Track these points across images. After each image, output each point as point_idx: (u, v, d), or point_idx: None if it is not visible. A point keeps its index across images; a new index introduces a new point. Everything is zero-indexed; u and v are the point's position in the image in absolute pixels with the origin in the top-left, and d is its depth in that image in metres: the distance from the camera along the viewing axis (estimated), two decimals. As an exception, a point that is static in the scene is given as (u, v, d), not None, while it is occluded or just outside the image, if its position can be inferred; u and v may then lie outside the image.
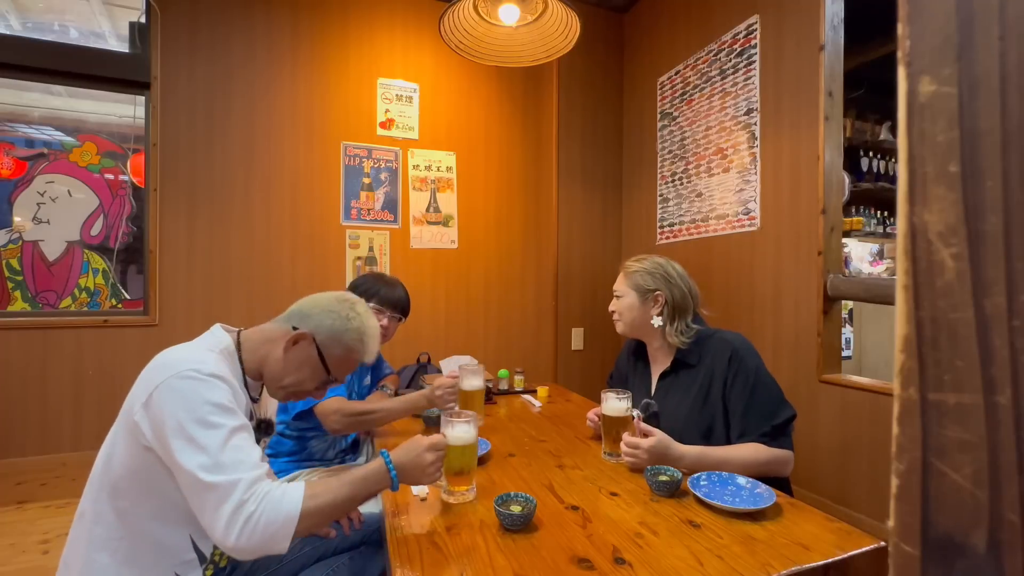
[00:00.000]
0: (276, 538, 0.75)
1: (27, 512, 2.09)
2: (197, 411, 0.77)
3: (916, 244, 0.24)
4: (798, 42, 1.99)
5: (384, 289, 1.59)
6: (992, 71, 0.22)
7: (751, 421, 1.14)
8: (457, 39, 1.69)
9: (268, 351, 0.94)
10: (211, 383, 0.80)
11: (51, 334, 2.26)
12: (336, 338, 0.96)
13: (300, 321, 0.96)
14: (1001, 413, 0.22)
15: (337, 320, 0.96)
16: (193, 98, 2.43)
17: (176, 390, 0.78)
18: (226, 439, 0.77)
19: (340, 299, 1.00)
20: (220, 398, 0.80)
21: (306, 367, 0.95)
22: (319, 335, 0.95)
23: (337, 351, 0.96)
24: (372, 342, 1.00)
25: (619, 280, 1.41)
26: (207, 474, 0.74)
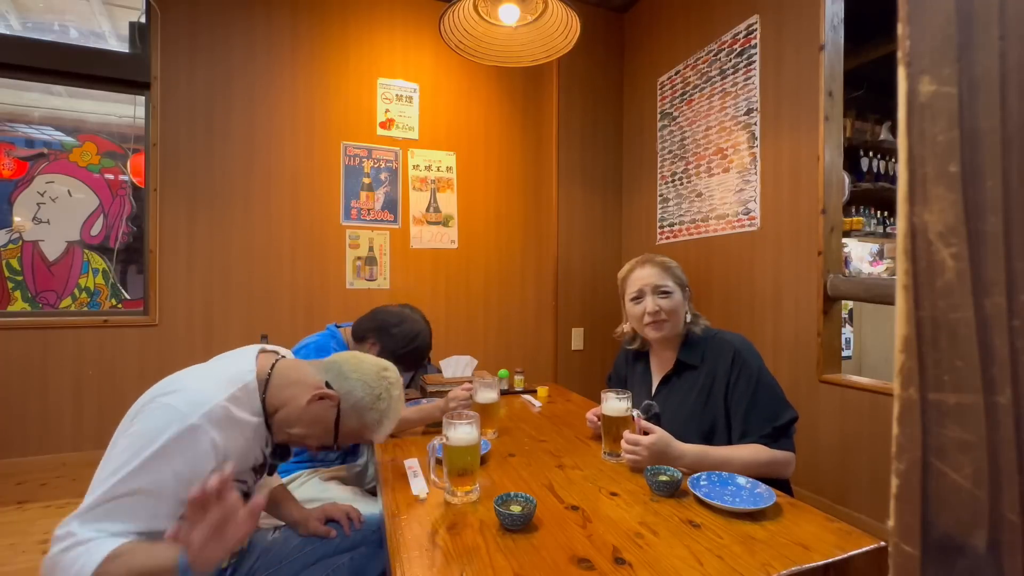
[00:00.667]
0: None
1: (27, 512, 2.09)
2: (140, 446, 0.75)
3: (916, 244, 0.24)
4: (798, 42, 1.99)
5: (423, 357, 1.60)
6: (992, 71, 0.22)
7: (752, 422, 1.14)
8: (457, 39, 1.69)
9: (295, 394, 0.92)
10: (179, 439, 0.76)
11: (51, 334, 2.26)
12: (359, 412, 0.95)
13: (336, 379, 0.95)
14: (1001, 413, 0.22)
15: (368, 396, 0.95)
16: (193, 98, 2.43)
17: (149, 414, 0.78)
18: (121, 498, 0.74)
19: (380, 375, 0.98)
20: (171, 461, 0.75)
21: (319, 426, 0.94)
22: (345, 402, 0.94)
23: (353, 423, 0.95)
24: (388, 426, 0.99)
25: (657, 276, 1.27)
26: (89, 500, 0.74)
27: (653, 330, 1.27)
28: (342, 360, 0.99)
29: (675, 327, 1.27)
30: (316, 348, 1.50)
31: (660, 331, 1.26)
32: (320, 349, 1.49)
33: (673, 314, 1.25)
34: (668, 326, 1.26)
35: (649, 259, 1.32)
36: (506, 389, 1.94)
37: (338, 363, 0.98)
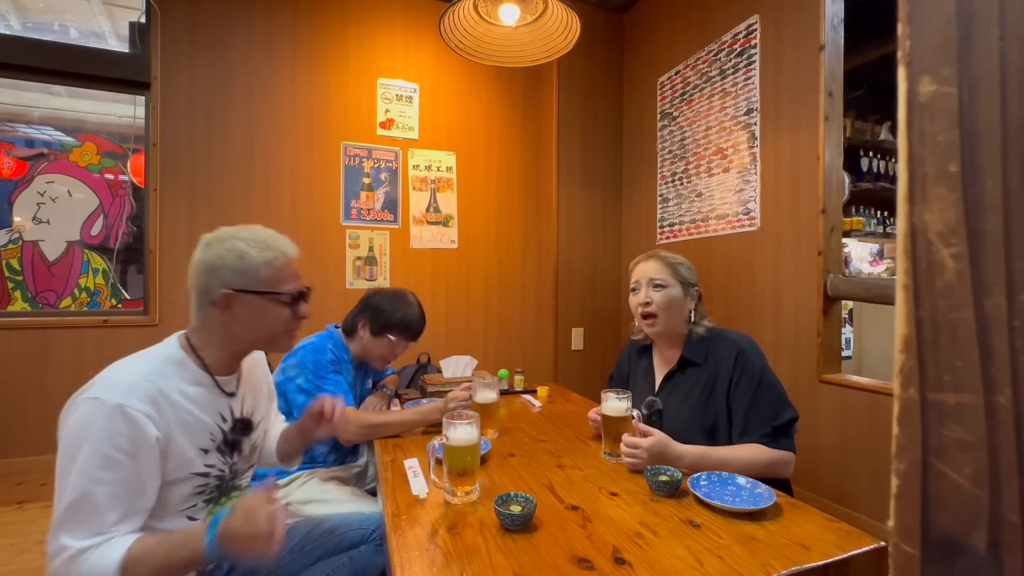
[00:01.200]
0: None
1: (27, 512, 2.09)
2: (79, 440, 0.75)
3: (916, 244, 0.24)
4: (798, 42, 1.99)
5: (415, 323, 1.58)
6: (992, 71, 0.22)
7: (753, 421, 1.14)
8: (457, 39, 1.69)
9: (225, 335, 0.91)
10: (102, 417, 0.75)
11: (51, 334, 2.26)
12: (242, 269, 0.89)
13: (207, 293, 0.89)
14: (1001, 413, 0.22)
15: (226, 259, 0.88)
16: (193, 98, 2.43)
17: (72, 416, 0.77)
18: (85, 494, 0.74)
19: (207, 246, 0.91)
20: (103, 438, 0.75)
21: (262, 311, 0.91)
22: (233, 284, 0.88)
23: (260, 274, 0.90)
24: (269, 238, 0.93)
25: (654, 268, 1.27)
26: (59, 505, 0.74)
27: (644, 323, 1.29)
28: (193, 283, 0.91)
29: (667, 323, 1.26)
30: (313, 349, 1.49)
31: (650, 326, 1.27)
32: (317, 351, 1.48)
33: (664, 309, 1.25)
34: (658, 322, 1.25)
35: (655, 254, 1.32)
36: (506, 389, 1.94)
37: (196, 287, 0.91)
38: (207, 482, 0.91)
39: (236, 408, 0.98)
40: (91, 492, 0.74)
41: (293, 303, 0.95)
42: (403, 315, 1.56)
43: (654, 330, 1.28)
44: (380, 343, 1.56)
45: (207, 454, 0.91)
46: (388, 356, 1.59)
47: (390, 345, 1.56)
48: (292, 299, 0.94)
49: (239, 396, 0.99)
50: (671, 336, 1.31)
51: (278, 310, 0.93)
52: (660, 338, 1.33)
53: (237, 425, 0.97)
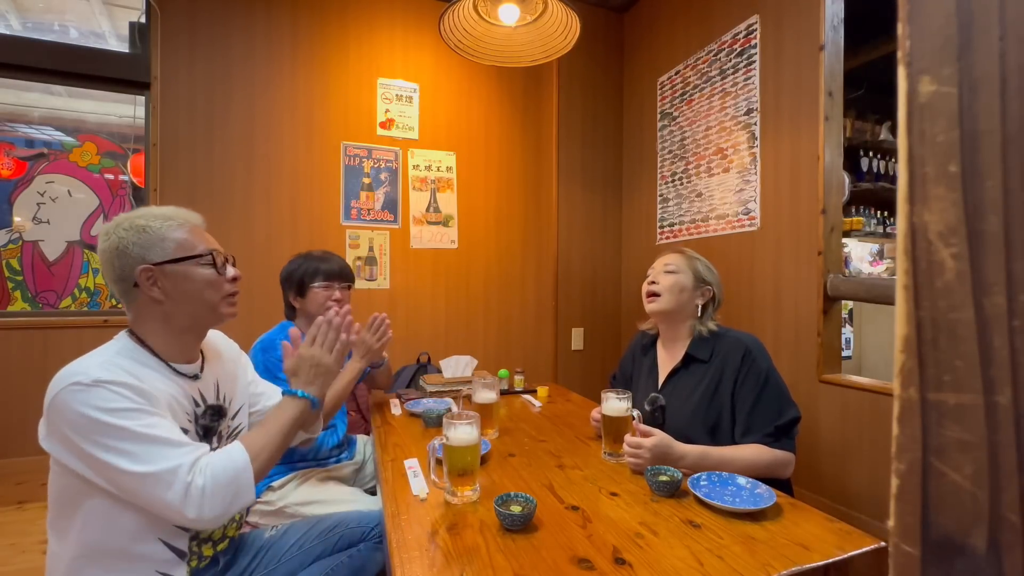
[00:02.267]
0: (240, 494, 0.81)
1: (27, 512, 2.09)
2: (95, 419, 0.75)
3: (916, 244, 0.24)
4: (798, 42, 1.99)
5: (323, 264, 1.58)
6: (992, 72, 0.22)
7: (756, 420, 1.14)
8: (456, 39, 1.69)
9: (162, 317, 0.89)
10: (95, 391, 0.76)
11: (51, 334, 2.26)
12: (149, 244, 0.87)
13: (125, 280, 0.88)
14: (1001, 413, 0.22)
15: (129, 242, 0.87)
16: (193, 98, 2.43)
17: (65, 408, 0.75)
18: (139, 435, 0.76)
19: (106, 237, 0.89)
20: (110, 403, 0.76)
21: (187, 278, 0.89)
22: (149, 259, 0.87)
23: (169, 244, 0.88)
24: (164, 211, 0.92)
25: (672, 257, 1.34)
26: (139, 467, 0.75)
27: (647, 302, 1.33)
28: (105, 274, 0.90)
29: (668, 303, 1.29)
30: (261, 348, 1.48)
31: (651, 302, 1.31)
32: (265, 348, 1.47)
33: (668, 290, 1.29)
34: (659, 301, 1.30)
35: (678, 247, 1.38)
36: (506, 389, 1.94)
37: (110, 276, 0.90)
38: None
39: (208, 394, 0.96)
40: (147, 435, 0.77)
41: (216, 264, 0.92)
42: (310, 264, 1.57)
43: (654, 307, 1.31)
44: (313, 297, 1.56)
45: (187, 434, 0.89)
46: (328, 303, 1.57)
47: (323, 292, 1.56)
48: (213, 259, 0.92)
49: (206, 381, 0.97)
50: (673, 324, 1.33)
51: (202, 273, 0.90)
52: (663, 322, 1.36)
53: (209, 411, 0.95)
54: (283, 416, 0.93)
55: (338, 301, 1.58)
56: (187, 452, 0.79)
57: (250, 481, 0.83)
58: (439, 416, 1.44)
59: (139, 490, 0.77)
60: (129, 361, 0.85)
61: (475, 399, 1.38)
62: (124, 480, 0.76)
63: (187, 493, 0.76)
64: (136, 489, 0.77)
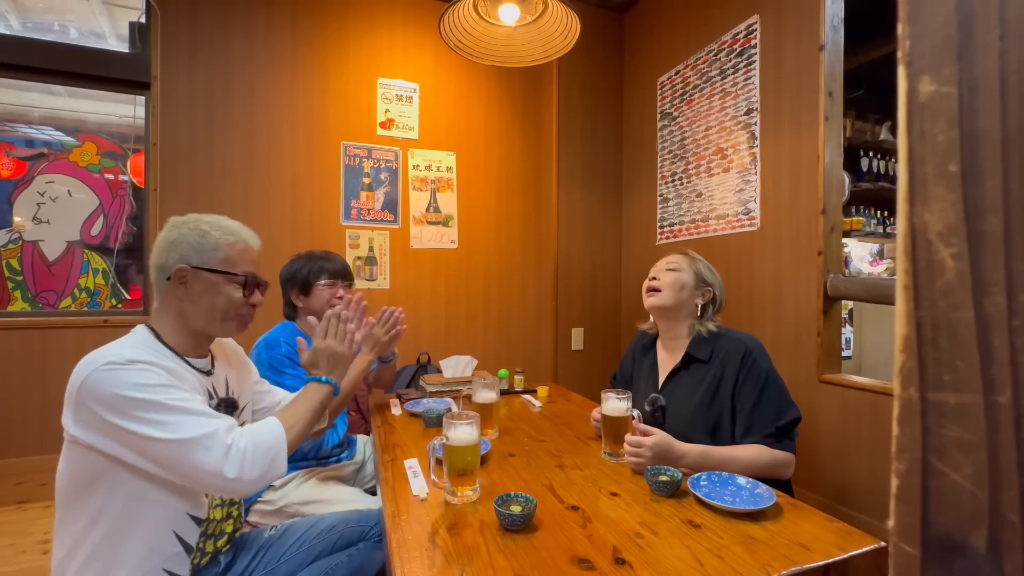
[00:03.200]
0: (276, 461, 0.85)
1: (27, 512, 2.09)
2: (130, 396, 0.77)
3: (916, 244, 0.24)
4: (798, 42, 1.99)
5: (327, 263, 1.60)
6: (992, 71, 0.22)
7: (756, 421, 1.14)
8: (456, 39, 1.69)
9: (180, 314, 0.93)
10: (131, 369, 0.79)
11: (51, 334, 2.26)
12: (202, 248, 0.92)
13: (165, 270, 0.92)
14: (1001, 413, 0.22)
15: (188, 237, 0.93)
16: (193, 98, 2.43)
17: (99, 385, 0.78)
18: (175, 407, 0.79)
19: (171, 227, 0.95)
20: (146, 379, 0.80)
21: (214, 290, 0.93)
22: (191, 260, 0.92)
23: (218, 254, 0.93)
24: (233, 226, 0.97)
25: (675, 257, 1.36)
26: (176, 434, 0.77)
27: (646, 296, 1.34)
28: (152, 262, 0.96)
29: (666, 300, 1.30)
30: (265, 345, 1.49)
31: (651, 298, 1.32)
32: (269, 345, 1.48)
33: (669, 286, 1.30)
34: (658, 296, 1.30)
35: (682, 248, 1.41)
36: (506, 389, 1.94)
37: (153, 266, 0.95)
38: None
39: (219, 388, 0.99)
40: (183, 407, 0.80)
41: (247, 287, 0.96)
42: (314, 263, 1.59)
43: (652, 301, 1.31)
44: (317, 295, 1.57)
45: None
46: (333, 300, 1.59)
47: (327, 290, 1.58)
48: (246, 282, 0.96)
49: (218, 377, 1.00)
50: (672, 322, 1.34)
51: (230, 290, 0.94)
52: (661, 320, 1.36)
53: (221, 404, 0.98)
54: (311, 398, 0.99)
55: (341, 299, 1.59)
56: (223, 421, 0.83)
57: (284, 452, 0.87)
58: (439, 416, 1.44)
59: (175, 457, 0.78)
60: (151, 351, 0.88)
61: (475, 399, 1.38)
62: (161, 449, 0.78)
63: (228, 455, 0.79)
64: (173, 456, 0.78)
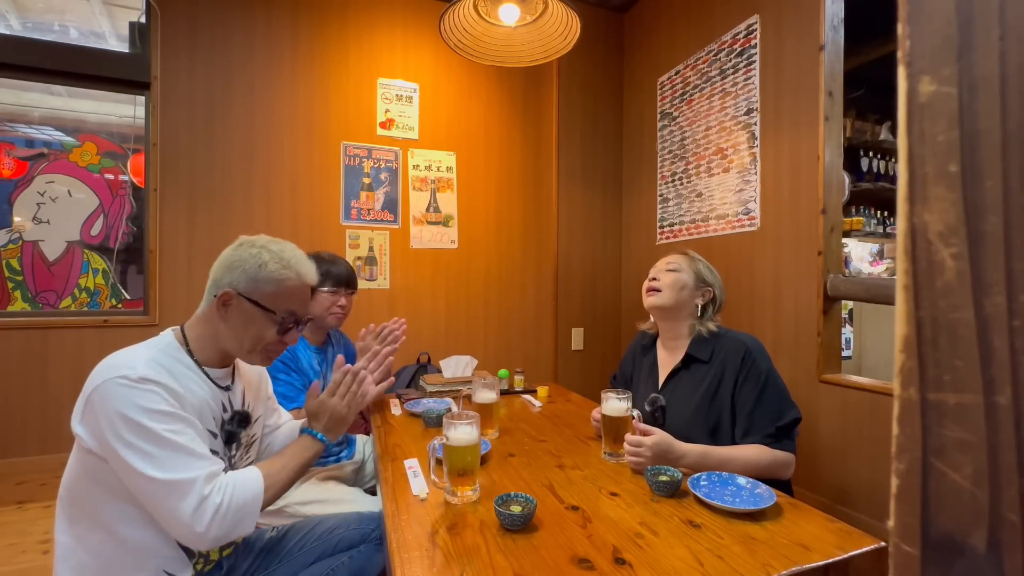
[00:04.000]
0: (244, 521, 0.83)
1: (27, 512, 2.09)
2: (130, 417, 0.77)
3: (916, 244, 0.24)
4: (798, 42, 1.99)
5: (333, 268, 1.59)
6: (992, 72, 0.22)
7: (756, 421, 1.14)
8: (457, 39, 1.69)
9: (214, 330, 0.94)
10: (139, 389, 0.79)
11: (51, 334, 2.26)
12: (255, 277, 0.93)
13: (216, 287, 0.93)
14: (1001, 413, 0.22)
15: (247, 263, 0.93)
16: (193, 98, 2.43)
17: (107, 398, 0.78)
18: (166, 441, 0.79)
19: (238, 245, 0.96)
20: (150, 403, 0.79)
21: (251, 321, 0.93)
22: (239, 286, 0.92)
23: (268, 288, 0.93)
24: (294, 259, 0.97)
25: (675, 257, 1.36)
26: (159, 473, 0.77)
27: (646, 296, 1.34)
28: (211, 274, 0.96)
29: (668, 299, 1.29)
30: None
31: (651, 298, 1.32)
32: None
33: (669, 287, 1.30)
34: (658, 296, 1.30)
35: (682, 249, 1.40)
36: (506, 389, 1.94)
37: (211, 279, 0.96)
38: None
39: (235, 401, 0.99)
40: (174, 442, 0.79)
41: (283, 326, 0.96)
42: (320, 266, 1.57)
43: (652, 300, 1.31)
44: (317, 301, 1.56)
45: (215, 439, 0.92)
46: (333, 308, 1.59)
47: (328, 297, 1.57)
48: (284, 321, 0.96)
49: (236, 391, 1.00)
50: (673, 323, 1.33)
51: (266, 327, 0.94)
52: (662, 320, 1.36)
53: (236, 417, 0.98)
54: (301, 455, 0.99)
55: (343, 307, 1.59)
56: (206, 465, 0.82)
57: (256, 512, 0.85)
58: (439, 416, 1.44)
59: (153, 495, 0.78)
60: (171, 360, 0.88)
61: (475, 399, 1.38)
62: (141, 484, 0.78)
63: (200, 507, 0.78)
64: (151, 493, 0.78)
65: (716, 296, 1.34)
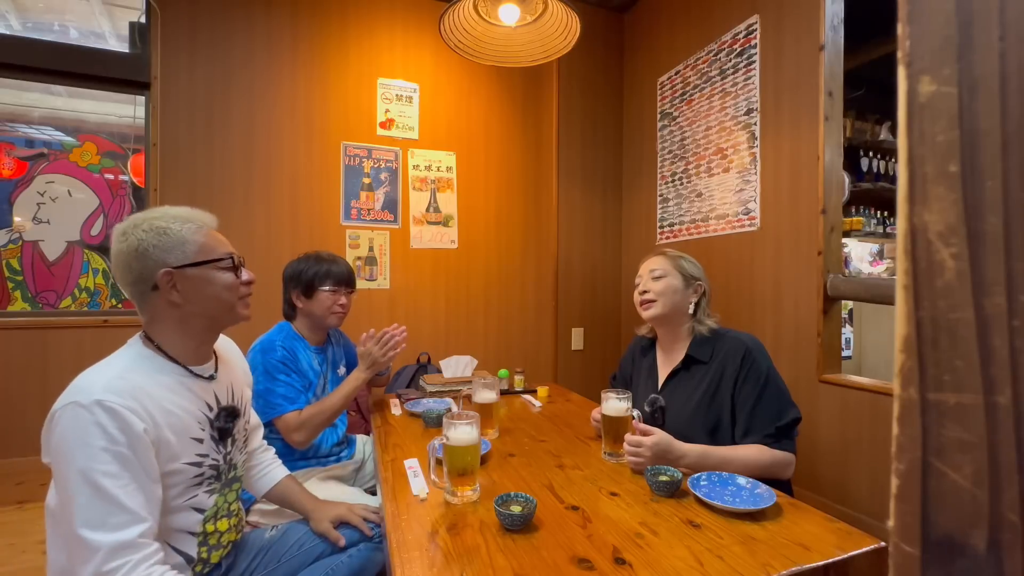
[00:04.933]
0: None
1: (27, 512, 2.09)
2: (68, 454, 0.73)
3: (916, 244, 0.24)
4: (798, 42, 1.99)
5: (333, 267, 1.59)
6: (992, 72, 0.22)
7: (756, 421, 1.14)
8: (457, 39, 1.69)
9: (176, 320, 0.89)
10: (88, 417, 0.74)
11: (51, 334, 2.26)
12: (170, 247, 0.87)
13: (140, 281, 0.87)
14: (1001, 413, 0.22)
15: (152, 242, 0.86)
16: (193, 98, 2.43)
17: (57, 423, 0.74)
18: (99, 484, 0.72)
19: (123, 237, 0.87)
20: (92, 439, 0.73)
21: (208, 281, 0.89)
22: (169, 262, 0.86)
23: (190, 248, 0.88)
24: (181, 213, 0.91)
25: (655, 262, 1.34)
26: (74, 521, 0.71)
27: (642, 310, 1.33)
28: (120, 279, 0.89)
29: (664, 307, 1.29)
30: (261, 350, 1.48)
31: (647, 309, 1.31)
32: (265, 350, 1.47)
33: (662, 295, 1.29)
34: (655, 306, 1.29)
35: (659, 250, 1.37)
36: (506, 389, 1.94)
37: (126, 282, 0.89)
38: (202, 472, 0.90)
39: (222, 395, 0.97)
40: (101, 487, 0.72)
41: (235, 267, 0.93)
42: (320, 266, 1.58)
43: (651, 312, 1.30)
44: (319, 300, 1.56)
45: (201, 443, 0.90)
46: (334, 307, 1.58)
47: (329, 297, 1.56)
48: (232, 262, 0.93)
49: (221, 382, 0.97)
50: (671, 327, 1.33)
51: (222, 276, 0.91)
52: (661, 327, 1.35)
53: (223, 413, 0.95)
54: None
55: (342, 306, 1.59)
56: (120, 526, 0.72)
57: None
58: (439, 416, 1.44)
59: (66, 535, 0.73)
60: (142, 375, 0.83)
61: (475, 399, 1.38)
62: (60, 519, 0.74)
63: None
64: (65, 533, 0.73)
65: (705, 288, 1.34)
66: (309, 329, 1.59)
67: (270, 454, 1.22)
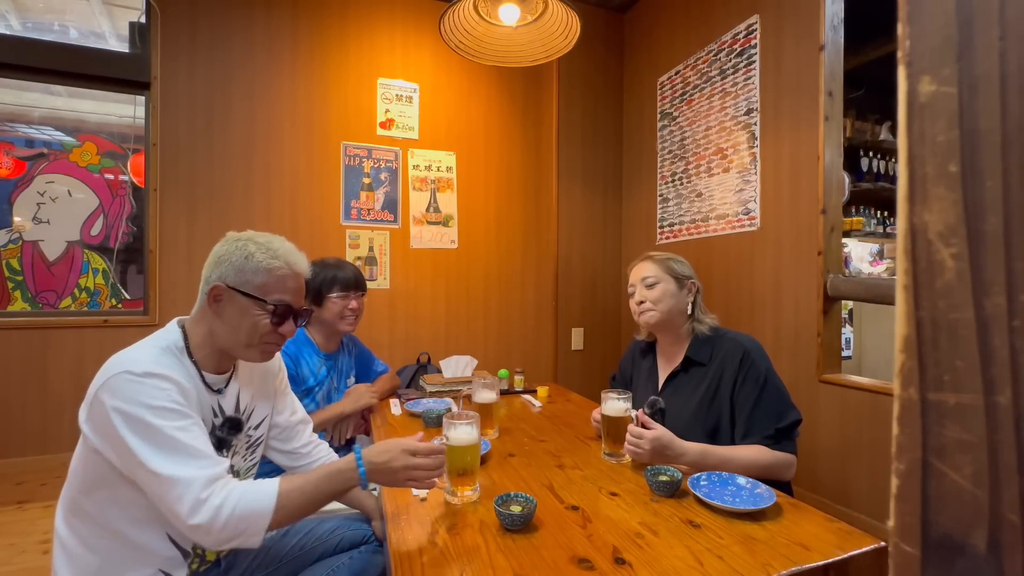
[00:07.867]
0: (248, 532, 0.79)
1: (27, 512, 2.09)
2: (133, 413, 0.77)
3: (916, 244, 0.24)
4: (798, 42, 1.99)
5: (340, 273, 1.59)
6: (992, 71, 0.22)
7: (756, 423, 1.14)
8: (457, 39, 1.69)
9: (208, 327, 0.93)
10: (144, 384, 0.79)
11: (51, 334, 2.26)
12: (242, 268, 0.91)
13: (207, 283, 0.93)
14: (1001, 413, 0.22)
15: (233, 255, 0.92)
16: (193, 98, 2.43)
17: (112, 394, 0.78)
18: (168, 438, 0.78)
19: (224, 241, 0.95)
20: (154, 399, 0.79)
21: (244, 314, 0.91)
22: (228, 279, 0.91)
23: (256, 279, 0.92)
24: (282, 249, 0.95)
25: (645, 268, 1.32)
26: (159, 467, 0.76)
27: (641, 319, 1.32)
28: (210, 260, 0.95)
29: (663, 313, 1.28)
30: None
31: (646, 317, 1.30)
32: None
33: (658, 303, 1.28)
34: (653, 315, 1.29)
35: (646, 255, 1.36)
36: (506, 389, 1.94)
37: (203, 276, 0.95)
38: None
39: (227, 406, 0.97)
40: (177, 439, 0.78)
41: (277, 316, 0.93)
42: (327, 272, 1.58)
43: (650, 319, 1.30)
44: (330, 306, 1.56)
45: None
46: (345, 312, 1.59)
47: (340, 302, 1.57)
48: (276, 311, 0.93)
49: (228, 395, 0.98)
50: (671, 330, 1.32)
51: (259, 318, 0.92)
52: (661, 331, 1.35)
53: (226, 424, 0.97)
54: (328, 483, 0.86)
55: (353, 310, 1.59)
56: (207, 465, 0.80)
57: (262, 527, 0.80)
58: (439, 416, 1.44)
59: (155, 489, 0.78)
60: (172, 359, 0.88)
61: (475, 399, 1.38)
62: (142, 475, 0.78)
63: (196, 509, 0.76)
64: (153, 487, 0.78)
65: (699, 286, 1.33)
66: (322, 335, 1.60)
67: (323, 448, 1.19)
